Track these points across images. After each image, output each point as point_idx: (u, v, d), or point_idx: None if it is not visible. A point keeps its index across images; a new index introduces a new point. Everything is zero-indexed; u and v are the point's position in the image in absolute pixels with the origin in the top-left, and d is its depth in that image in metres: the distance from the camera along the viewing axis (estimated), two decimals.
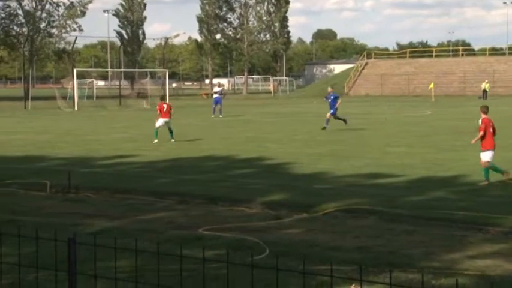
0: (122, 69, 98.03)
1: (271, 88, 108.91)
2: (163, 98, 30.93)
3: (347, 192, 15.22)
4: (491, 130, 16.23)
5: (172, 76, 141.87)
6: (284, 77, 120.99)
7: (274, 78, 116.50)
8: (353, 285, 7.74)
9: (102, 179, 17.73)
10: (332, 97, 31.84)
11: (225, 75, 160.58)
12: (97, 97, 76.35)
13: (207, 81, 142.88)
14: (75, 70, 64.33)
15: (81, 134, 32.35)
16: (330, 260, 8.38)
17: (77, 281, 5.04)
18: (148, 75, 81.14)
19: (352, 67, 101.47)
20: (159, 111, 27.52)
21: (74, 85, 61.94)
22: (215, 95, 46.66)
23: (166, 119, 27.36)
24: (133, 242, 5.66)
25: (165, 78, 69.94)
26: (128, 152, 23.98)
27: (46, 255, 6.61)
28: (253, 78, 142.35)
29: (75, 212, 13.05)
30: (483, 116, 16.52)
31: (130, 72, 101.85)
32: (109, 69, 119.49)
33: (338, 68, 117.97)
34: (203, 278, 5.76)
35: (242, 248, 9.85)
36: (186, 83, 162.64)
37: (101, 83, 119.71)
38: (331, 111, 31.44)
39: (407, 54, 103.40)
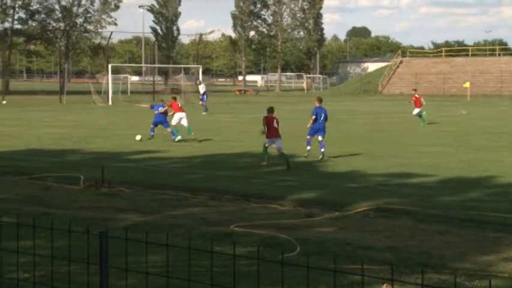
0: (156, 65, 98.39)
1: (304, 85, 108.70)
2: (175, 98, 30.34)
3: (379, 191, 15.13)
4: (274, 125, 19.96)
5: (206, 72, 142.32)
6: (317, 75, 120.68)
7: (308, 75, 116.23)
8: (384, 285, 7.69)
9: (135, 173, 17.84)
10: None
11: (258, 72, 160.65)
12: (131, 92, 76.78)
13: (240, 77, 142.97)
14: (109, 65, 64.82)
15: (115, 128, 32.57)
16: (362, 259, 8.34)
17: (109, 275, 5.07)
18: (182, 71, 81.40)
19: (387, 65, 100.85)
20: (173, 109, 27.18)
21: (108, 80, 62.40)
22: (203, 93, 47.18)
23: (181, 114, 27.13)
24: (165, 237, 5.68)
25: (198, 74, 70.17)
26: (161, 147, 24.09)
27: (78, 248, 6.66)
28: (286, 75, 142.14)
29: (108, 206, 13.13)
30: (267, 114, 20.33)
31: (164, 67, 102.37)
32: (143, 65, 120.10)
33: (372, 66, 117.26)
34: (234, 275, 5.76)
35: (273, 245, 9.83)
36: (219, 79, 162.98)
37: (135, 78, 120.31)
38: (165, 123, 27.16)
39: (443, 53, 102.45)
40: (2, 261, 6.07)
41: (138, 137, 26.31)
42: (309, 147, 21.54)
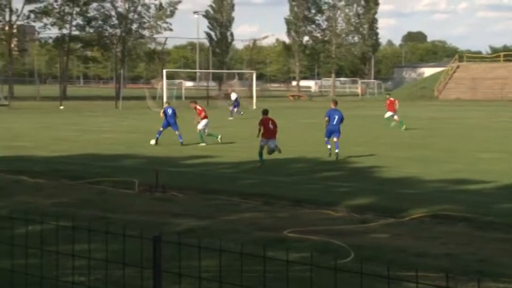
0: (210, 70, 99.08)
1: (358, 91, 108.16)
2: (196, 101, 30.93)
3: (435, 197, 14.93)
4: (269, 126, 21.20)
5: (260, 77, 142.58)
6: (372, 80, 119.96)
7: (362, 80, 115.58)
8: None
9: (189, 178, 17.94)
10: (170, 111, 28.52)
11: (312, 77, 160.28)
12: (185, 97, 77.36)
13: (294, 83, 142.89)
14: (164, 71, 65.38)
15: (169, 133, 32.80)
16: (417, 266, 8.23)
17: (162, 279, 5.09)
18: (236, 77, 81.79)
19: (443, 70, 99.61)
20: (199, 114, 28.01)
21: (163, 85, 62.95)
22: (235, 99, 50.05)
23: (207, 120, 27.92)
24: (217, 242, 5.69)
25: (252, 79, 70.37)
26: (215, 152, 24.20)
27: (133, 252, 6.71)
28: (340, 80, 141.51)
29: (162, 210, 13.23)
30: (262, 116, 21.60)
31: (218, 73, 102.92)
32: (197, 70, 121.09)
33: (428, 71, 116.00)
34: (286, 280, 5.74)
35: (327, 251, 9.77)
36: (273, 85, 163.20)
37: (189, 83, 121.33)
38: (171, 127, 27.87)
39: (501, 58, 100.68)
40: (58, 265, 6.16)
41: (152, 142, 27.09)
42: (329, 146, 22.94)
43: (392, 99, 37.49)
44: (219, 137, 27.82)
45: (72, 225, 5.72)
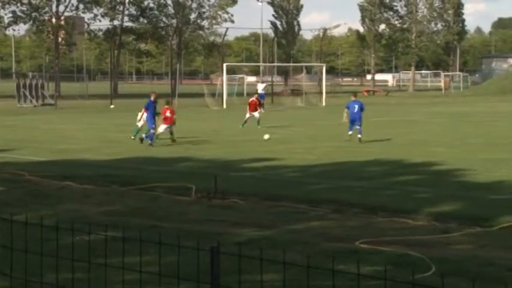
0: (275, 64, 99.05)
1: (442, 85, 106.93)
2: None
3: None
4: (167, 114, 27.80)
5: (330, 71, 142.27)
6: (457, 72, 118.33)
7: (446, 73, 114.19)
8: None
9: (251, 183, 18.03)
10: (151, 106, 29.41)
11: (389, 70, 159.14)
12: (247, 94, 77.64)
13: (368, 76, 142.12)
14: (224, 65, 65.73)
15: (229, 134, 33.04)
16: (506, 282, 8.13)
17: None
18: (304, 70, 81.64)
19: None
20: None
21: (223, 81, 63.30)
22: (261, 92, 52.83)
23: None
24: (282, 254, 5.73)
25: (322, 73, 70.19)
26: (280, 154, 24.24)
27: (188, 264, 6.81)
28: (421, 73, 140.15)
29: (221, 219, 13.34)
30: (166, 106, 28.64)
31: (284, 66, 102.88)
32: (261, 64, 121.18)
33: None
34: None
35: (404, 265, 9.73)
36: (345, 79, 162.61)
37: (252, 78, 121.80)
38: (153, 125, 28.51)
39: None
40: (107, 279, 6.28)
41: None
42: (350, 132, 27.94)
43: (256, 99, 38.06)
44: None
45: (123, 236, 5.83)
